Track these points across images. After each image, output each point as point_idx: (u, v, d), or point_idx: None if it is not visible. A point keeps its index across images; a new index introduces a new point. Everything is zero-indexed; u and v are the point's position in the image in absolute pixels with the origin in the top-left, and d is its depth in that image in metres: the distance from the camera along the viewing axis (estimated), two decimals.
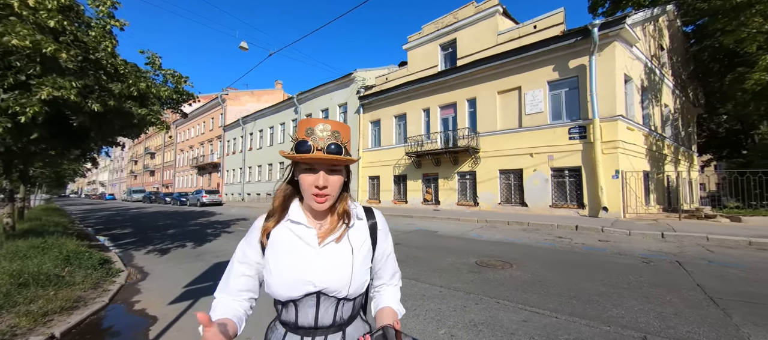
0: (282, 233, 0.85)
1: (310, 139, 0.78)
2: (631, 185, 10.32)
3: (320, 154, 0.77)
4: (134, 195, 39.65)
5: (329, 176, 0.80)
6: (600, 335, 2.55)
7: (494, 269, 4.56)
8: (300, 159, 0.79)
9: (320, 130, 0.79)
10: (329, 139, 0.80)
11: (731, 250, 5.82)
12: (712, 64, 16.81)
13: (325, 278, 0.81)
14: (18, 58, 3.25)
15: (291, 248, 0.83)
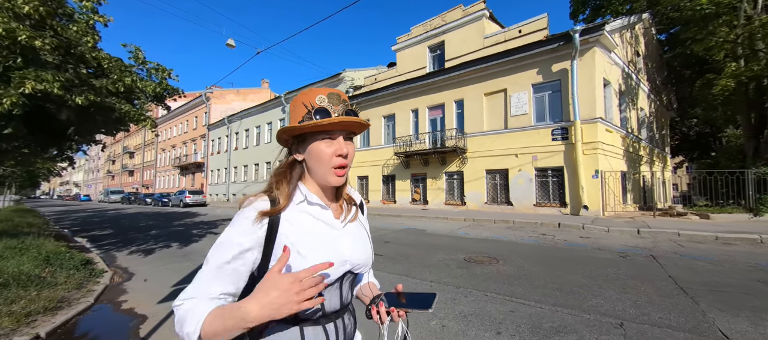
0: (300, 217, 0.74)
1: (325, 105, 0.71)
2: (609, 185, 10.80)
3: (344, 118, 0.70)
4: (112, 196, 38.14)
5: (350, 145, 0.75)
6: (581, 322, 2.71)
7: (482, 265, 4.71)
8: (323, 126, 0.69)
9: (330, 99, 0.72)
10: (344, 105, 0.73)
11: (700, 244, 6.21)
12: (684, 71, 17.76)
13: (354, 255, 0.78)
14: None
15: (318, 231, 0.75)
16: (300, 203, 0.75)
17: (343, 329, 0.78)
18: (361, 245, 0.81)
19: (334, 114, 0.70)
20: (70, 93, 3.60)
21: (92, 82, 4.10)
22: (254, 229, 0.68)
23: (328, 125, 0.69)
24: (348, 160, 0.74)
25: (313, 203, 0.77)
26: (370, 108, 17.68)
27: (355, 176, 18.51)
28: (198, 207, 22.58)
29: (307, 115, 0.70)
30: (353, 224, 0.83)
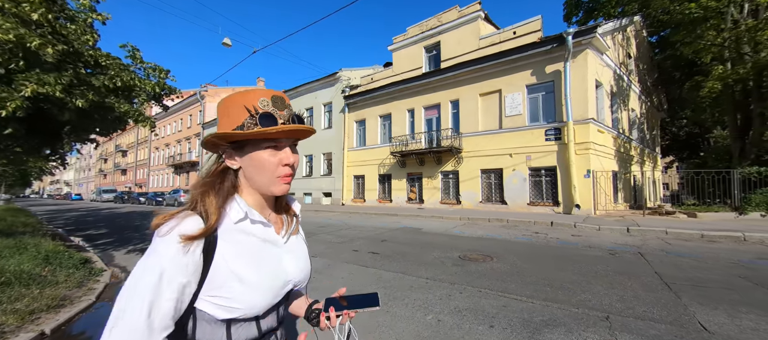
0: (237, 238, 0.66)
1: (269, 110, 0.64)
2: (601, 184, 11.04)
3: (293, 126, 0.65)
4: (104, 195, 37.63)
5: (294, 154, 0.69)
6: (569, 316, 2.85)
7: (476, 262, 4.85)
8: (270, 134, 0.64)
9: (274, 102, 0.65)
10: (288, 110, 0.67)
11: (686, 242, 6.42)
12: (674, 72, 18.14)
13: (297, 274, 0.74)
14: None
15: (259, 252, 0.68)
16: (239, 222, 0.67)
17: None
18: (303, 262, 0.77)
19: (281, 120, 0.64)
20: (71, 95, 3.63)
21: (91, 82, 4.12)
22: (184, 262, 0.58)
23: (276, 134, 0.64)
24: (294, 168, 0.69)
25: (256, 221, 0.69)
26: (367, 107, 17.76)
27: (352, 176, 18.60)
28: None
29: (249, 120, 0.63)
30: (294, 238, 0.77)
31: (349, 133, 18.78)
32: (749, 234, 6.57)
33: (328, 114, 20.41)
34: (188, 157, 34.36)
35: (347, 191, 18.65)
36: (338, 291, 0.80)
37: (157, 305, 0.55)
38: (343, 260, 5.19)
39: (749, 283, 3.77)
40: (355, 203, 18.00)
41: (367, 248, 6.14)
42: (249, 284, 0.63)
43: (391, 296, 3.43)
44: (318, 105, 20.89)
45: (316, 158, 20.92)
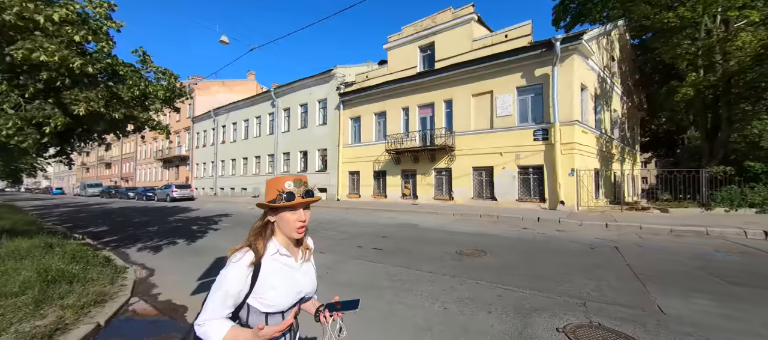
0: (275, 262, 1.09)
1: (292, 189, 1.06)
2: (584, 182, 11.80)
3: (303, 200, 1.06)
4: (90, 189, 36.71)
5: (307, 212, 1.11)
6: (553, 303, 3.38)
7: (472, 257, 5.38)
8: (290, 205, 1.04)
9: (295, 184, 1.08)
10: (303, 188, 1.08)
11: (657, 236, 7.15)
12: (654, 75, 19.12)
13: (307, 287, 1.17)
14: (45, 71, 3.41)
15: (286, 272, 1.10)
16: (274, 255, 1.09)
17: (295, 329, 1.19)
18: (310, 279, 1.20)
19: (297, 195, 1.05)
20: (109, 109, 3.90)
21: (121, 95, 4.37)
22: (244, 276, 1.02)
23: (293, 205, 1.05)
24: (306, 223, 1.09)
25: (283, 254, 1.12)
26: (362, 105, 18.05)
27: (347, 172, 18.95)
28: (186, 202, 22.37)
29: (279, 196, 1.05)
30: (306, 264, 1.20)
31: (344, 130, 19.07)
32: (712, 229, 7.35)
33: (323, 110, 20.60)
34: (178, 151, 33.85)
35: (342, 186, 19.02)
36: (334, 298, 1.18)
37: (228, 295, 1.01)
38: (350, 256, 5.62)
39: (704, 273, 4.42)
40: (351, 199, 18.41)
41: (370, 244, 6.59)
42: (278, 291, 1.06)
43: (402, 289, 3.90)
44: (312, 101, 21.03)
45: (310, 154, 21.14)
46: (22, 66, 3.45)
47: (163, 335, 2.99)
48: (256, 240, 1.08)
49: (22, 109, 3.47)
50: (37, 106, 3.48)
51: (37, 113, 3.47)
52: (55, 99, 3.66)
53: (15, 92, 3.49)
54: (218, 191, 29.37)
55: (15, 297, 3.18)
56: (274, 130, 23.93)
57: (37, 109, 3.47)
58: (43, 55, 3.25)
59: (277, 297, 1.05)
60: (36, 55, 3.21)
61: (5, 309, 2.93)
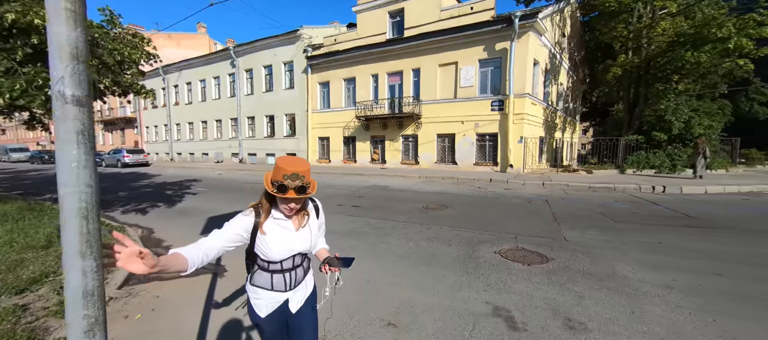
0: (272, 224, 1.31)
1: (286, 182, 1.20)
2: (530, 148, 13.59)
3: (293, 194, 1.21)
4: (13, 154, 32.16)
5: (298, 202, 1.28)
6: (495, 237, 4.60)
7: (436, 210, 6.53)
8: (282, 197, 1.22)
9: (292, 178, 1.21)
10: (297, 182, 1.21)
11: (578, 192, 8.96)
12: (597, 52, 21.28)
13: (301, 247, 1.36)
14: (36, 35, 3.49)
15: (281, 234, 1.31)
16: (273, 219, 1.32)
17: (294, 276, 1.38)
18: (305, 241, 1.38)
19: (290, 189, 1.21)
20: (100, 76, 4.04)
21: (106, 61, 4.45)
22: (245, 226, 1.28)
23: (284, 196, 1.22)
24: (296, 208, 1.29)
25: (278, 219, 1.33)
26: (331, 70, 17.93)
27: (316, 137, 19.17)
28: (140, 167, 21.06)
29: (274, 184, 1.22)
30: (303, 229, 1.38)
31: (312, 95, 18.93)
32: (618, 185, 9.36)
33: (290, 73, 20.02)
34: (122, 112, 30.64)
35: (312, 151, 19.31)
36: (335, 254, 1.42)
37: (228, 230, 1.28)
38: (332, 212, 6.46)
39: (602, 216, 6.00)
40: (321, 164, 18.87)
41: (348, 202, 7.47)
42: (271, 248, 1.30)
43: (381, 233, 4.89)
44: (277, 63, 20.23)
45: (278, 119, 20.77)
46: (11, 29, 3.49)
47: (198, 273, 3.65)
48: (261, 207, 1.32)
49: (18, 73, 3.56)
50: (36, 71, 3.59)
51: (36, 77, 3.59)
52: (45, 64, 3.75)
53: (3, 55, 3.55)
54: (175, 156, 27.73)
55: (44, 249, 3.58)
56: (235, 92, 22.76)
57: (36, 73, 3.58)
58: (35, 18, 3.36)
59: (271, 252, 1.30)
60: (29, 18, 3.31)
61: (44, 258, 3.36)
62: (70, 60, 0.69)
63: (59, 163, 0.74)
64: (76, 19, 0.68)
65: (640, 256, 3.80)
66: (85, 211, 0.77)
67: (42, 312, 2.46)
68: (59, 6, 0.65)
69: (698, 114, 12.78)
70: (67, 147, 0.73)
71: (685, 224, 5.34)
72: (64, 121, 0.72)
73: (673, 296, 2.81)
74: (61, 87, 0.70)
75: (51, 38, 0.67)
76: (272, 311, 1.36)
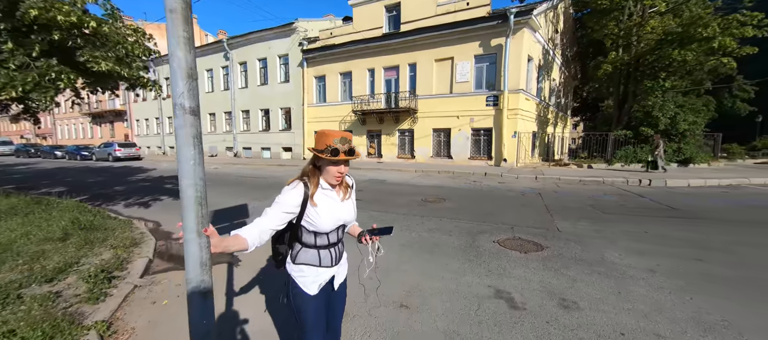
0: (322, 196, 1.36)
1: (338, 147, 1.27)
2: (523, 142, 13.93)
3: (344, 156, 1.28)
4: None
5: (347, 166, 1.34)
6: (491, 228, 4.86)
7: (434, 203, 6.77)
8: (333, 160, 1.27)
9: (341, 142, 1.28)
10: (346, 146, 1.29)
11: (569, 185, 9.32)
12: (589, 48, 21.69)
13: (346, 217, 1.43)
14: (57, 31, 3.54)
15: (329, 204, 1.37)
16: (322, 189, 1.37)
17: (337, 251, 1.46)
18: (349, 212, 1.47)
19: (341, 152, 1.27)
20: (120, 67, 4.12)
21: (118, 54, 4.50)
22: (297, 200, 1.31)
23: (336, 160, 1.28)
24: (343, 175, 1.35)
25: (326, 189, 1.38)
26: (327, 63, 17.91)
27: (312, 132, 19.20)
28: (132, 161, 20.80)
29: (326, 149, 1.27)
30: (347, 200, 1.47)
31: (308, 89, 18.89)
32: (607, 179, 9.75)
33: (285, 67, 19.90)
34: (111, 105, 29.98)
35: (308, 145, 19.34)
36: (372, 225, 1.50)
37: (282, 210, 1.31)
38: None
39: (591, 208, 6.33)
40: None
41: None
42: (322, 217, 1.35)
43: (384, 223, 5.10)
44: (272, 56, 20.07)
45: (273, 112, 20.68)
46: (33, 25, 3.54)
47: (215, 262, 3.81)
48: (310, 176, 1.35)
49: (31, 68, 3.62)
50: (48, 65, 3.65)
51: (48, 71, 3.65)
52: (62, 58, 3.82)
53: (20, 51, 3.60)
54: (167, 150, 27.37)
55: (62, 241, 3.68)
56: (229, 85, 22.52)
57: (48, 67, 3.64)
58: (58, 14, 3.42)
59: (321, 221, 1.34)
60: (52, 14, 3.37)
61: (64, 248, 3.47)
62: (188, 78, 0.86)
63: (180, 161, 0.92)
64: (190, 44, 0.84)
65: (627, 244, 4.11)
66: (200, 198, 0.95)
67: (74, 299, 2.61)
68: (179, 34, 0.81)
69: (683, 110, 13.28)
70: (186, 148, 0.90)
71: (668, 215, 5.70)
72: (184, 127, 0.89)
73: (656, 278, 3.10)
74: (182, 100, 0.87)
75: (172, 61, 0.84)
76: (321, 288, 1.41)
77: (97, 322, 2.32)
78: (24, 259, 3.14)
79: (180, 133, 0.91)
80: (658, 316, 2.45)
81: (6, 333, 2.02)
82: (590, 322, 2.38)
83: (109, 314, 2.47)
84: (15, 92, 3.56)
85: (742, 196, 7.60)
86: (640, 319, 2.41)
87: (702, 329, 2.28)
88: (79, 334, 2.14)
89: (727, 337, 2.20)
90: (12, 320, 2.16)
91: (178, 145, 0.92)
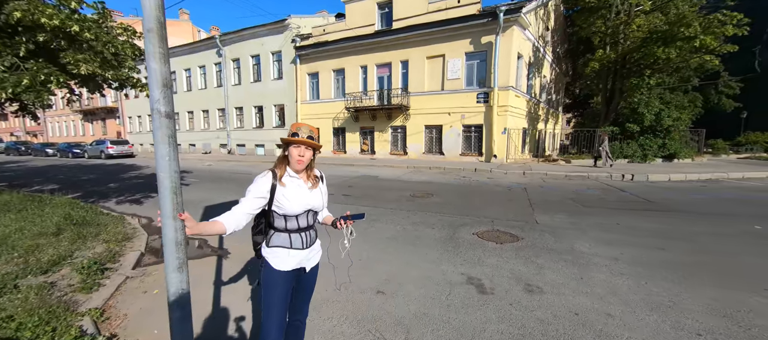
0: (289, 181, 1.51)
1: (299, 132, 1.45)
2: (513, 139, 14.18)
3: (304, 140, 1.44)
4: None
5: (308, 148, 1.47)
6: (474, 221, 5.07)
7: (422, 198, 6.97)
8: (294, 141, 1.43)
9: (304, 130, 1.46)
10: (308, 132, 1.47)
11: (555, 180, 9.58)
12: (579, 46, 21.98)
13: (315, 203, 1.56)
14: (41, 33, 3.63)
15: (297, 189, 1.50)
16: (288, 176, 1.52)
17: (307, 236, 1.58)
18: (318, 198, 1.60)
19: (301, 135, 1.45)
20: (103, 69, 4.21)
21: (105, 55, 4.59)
22: (266, 186, 1.45)
23: (296, 141, 1.45)
24: (304, 159, 1.48)
25: (293, 177, 1.53)
26: (320, 60, 17.96)
27: None
28: (125, 159, 20.70)
29: (291, 134, 1.46)
30: (316, 189, 1.60)
31: (301, 86, 18.94)
32: (592, 174, 10.04)
33: (278, 64, 19.89)
34: (103, 102, 29.67)
35: None
36: (345, 212, 1.65)
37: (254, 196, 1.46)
38: None
39: (572, 201, 6.57)
40: None
41: (339, 191, 7.82)
42: (290, 201, 1.48)
43: (373, 218, 5.29)
44: (265, 53, 20.04)
45: (266, 109, 20.70)
46: (17, 27, 3.63)
47: (206, 255, 3.96)
48: (276, 166, 1.51)
49: (21, 69, 3.71)
50: (39, 65, 3.75)
51: (38, 72, 3.75)
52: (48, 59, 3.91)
53: (8, 51, 3.69)
54: None
55: (55, 236, 3.81)
56: (222, 82, 22.45)
57: (40, 68, 3.74)
58: (42, 17, 3.52)
59: (289, 204, 1.47)
60: (36, 16, 3.47)
61: (58, 243, 3.60)
62: (163, 87, 1.02)
63: (157, 156, 1.09)
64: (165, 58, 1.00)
65: (597, 235, 4.34)
66: (175, 188, 1.12)
67: (68, 289, 2.75)
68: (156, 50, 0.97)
69: (668, 107, 13.62)
70: (162, 146, 1.07)
71: (644, 208, 5.96)
72: (160, 129, 1.06)
73: (618, 265, 3.33)
74: (158, 105, 1.03)
75: (150, 73, 1.01)
76: (291, 268, 1.53)
77: (91, 309, 2.47)
78: (19, 252, 3.26)
79: (157, 134, 1.08)
80: (612, 298, 2.68)
81: (5, 319, 2.17)
82: (549, 303, 2.59)
83: (102, 302, 2.63)
84: (5, 94, 3.66)
85: (718, 189, 7.92)
86: (595, 301, 2.63)
87: (649, 309, 2.51)
88: (73, 320, 2.29)
89: (670, 314, 2.43)
90: (10, 307, 2.31)
91: (155, 144, 1.09)
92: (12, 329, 2.08)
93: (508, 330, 2.25)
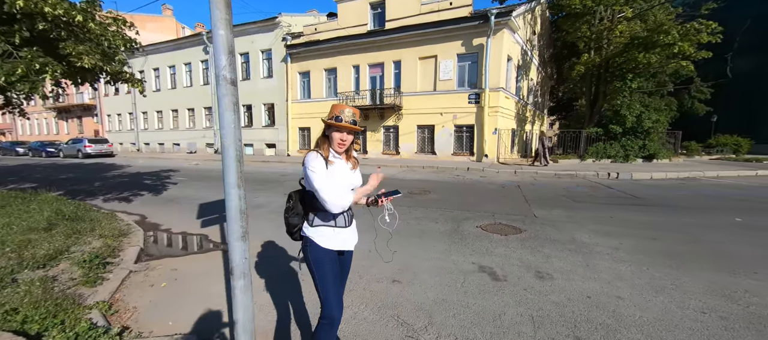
0: (336, 161, 1.53)
1: (342, 116, 1.45)
2: (503, 139, 14.50)
3: (348, 125, 1.45)
4: None
5: (350, 133, 1.50)
6: (474, 215, 5.16)
7: (420, 195, 7.03)
8: (337, 126, 1.45)
9: (347, 113, 1.48)
10: (352, 117, 1.47)
11: (545, 178, 9.87)
12: (564, 50, 22.74)
13: (356, 182, 1.60)
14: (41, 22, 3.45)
15: (342, 169, 1.54)
16: (333, 156, 1.53)
17: (349, 215, 1.63)
18: (358, 178, 1.65)
19: (344, 120, 1.46)
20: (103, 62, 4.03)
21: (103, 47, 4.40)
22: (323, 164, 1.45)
23: (339, 126, 1.47)
24: (346, 142, 1.52)
25: (336, 157, 1.55)
26: (312, 59, 17.81)
27: (297, 128, 19.05)
28: (104, 158, 19.81)
29: (333, 117, 1.47)
30: (356, 170, 1.66)
31: (292, 85, 18.71)
32: (580, 173, 10.40)
33: (268, 62, 19.58)
34: (79, 99, 28.30)
35: (293, 142, 19.17)
36: (382, 190, 1.71)
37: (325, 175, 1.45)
38: None
39: (565, 198, 6.79)
40: (301, 154, 18.82)
41: None
42: (337, 179, 1.49)
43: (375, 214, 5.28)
44: (255, 51, 19.69)
45: (256, 108, 20.32)
46: (16, 15, 3.44)
47: (208, 250, 3.85)
48: (320, 147, 1.52)
49: (15, 57, 3.52)
50: (34, 54, 3.55)
51: (33, 61, 3.56)
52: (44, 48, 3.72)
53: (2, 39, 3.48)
54: (142, 147, 26.21)
55: (47, 231, 3.62)
56: (209, 79, 21.87)
57: (34, 56, 3.55)
58: (45, 6, 3.35)
59: (337, 185, 1.47)
60: (40, 5, 3.30)
61: (51, 238, 3.42)
62: (228, 54, 1.00)
63: (222, 124, 1.07)
64: (230, 25, 0.99)
65: (595, 227, 4.51)
66: (239, 156, 1.10)
67: (71, 283, 2.62)
68: (222, 16, 0.95)
69: (648, 110, 14.29)
70: (227, 113, 1.05)
71: (632, 203, 6.24)
72: (226, 96, 1.04)
73: (619, 254, 3.48)
74: (224, 72, 1.01)
75: (215, 39, 0.98)
76: (336, 247, 1.55)
77: (98, 302, 2.37)
78: (11, 247, 3.08)
79: (223, 101, 1.06)
80: (619, 282, 2.79)
81: (9, 312, 2.05)
82: (561, 288, 2.68)
83: (108, 295, 2.52)
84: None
85: (697, 186, 8.38)
86: (604, 285, 2.74)
87: (655, 291, 2.63)
88: (81, 313, 2.19)
89: (674, 295, 2.56)
90: (12, 301, 2.18)
91: (220, 111, 1.07)
92: (18, 322, 1.97)
93: (527, 313, 2.31)
